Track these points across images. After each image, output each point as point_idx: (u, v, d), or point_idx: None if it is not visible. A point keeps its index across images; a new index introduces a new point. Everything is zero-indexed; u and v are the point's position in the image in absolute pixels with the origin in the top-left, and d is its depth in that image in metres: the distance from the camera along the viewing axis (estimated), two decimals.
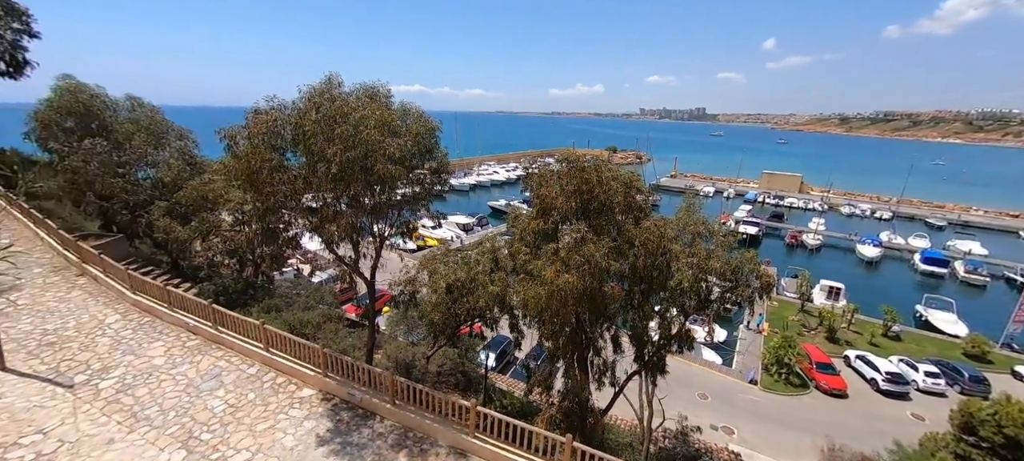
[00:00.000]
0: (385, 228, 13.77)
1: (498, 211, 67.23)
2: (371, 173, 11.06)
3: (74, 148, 19.76)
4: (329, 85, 11.93)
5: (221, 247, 20.78)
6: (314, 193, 11.73)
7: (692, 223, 14.09)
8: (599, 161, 12.98)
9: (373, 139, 10.79)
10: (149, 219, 21.10)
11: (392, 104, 12.76)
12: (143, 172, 22.78)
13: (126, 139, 21.22)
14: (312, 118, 10.86)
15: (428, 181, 14.01)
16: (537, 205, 12.66)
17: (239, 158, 10.65)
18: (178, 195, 20.00)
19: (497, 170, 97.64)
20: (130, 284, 16.65)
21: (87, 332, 14.47)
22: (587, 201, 12.08)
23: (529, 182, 13.36)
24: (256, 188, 10.91)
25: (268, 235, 13.20)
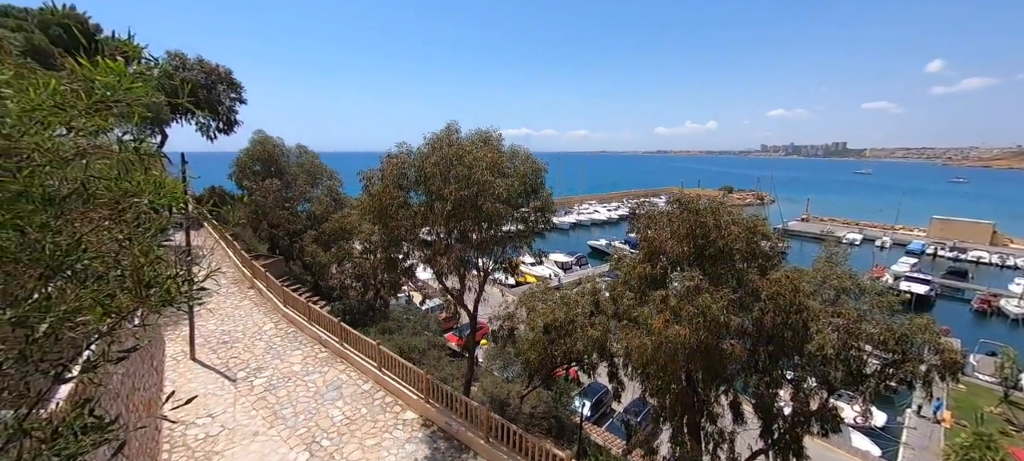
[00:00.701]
0: (489, 263, 14.35)
1: (598, 251, 65.62)
2: (480, 211, 11.76)
3: (258, 186, 25.04)
4: (448, 132, 13.19)
5: (351, 272, 23.85)
6: (430, 228, 12.86)
7: (834, 276, 11.89)
8: (716, 203, 11.87)
9: (484, 179, 11.53)
10: (301, 244, 25.36)
11: (502, 147, 13.55)
12: (302, 206, 27.72)
13: (293, 179, 26.24)
14: (432, 161, 12.08)
15: (532, 219, 14.34)
16: (644, 248, 11.97)
17: (372, 196, 12.26)
18: (324, 226, 23.75)
19: (598, 209, 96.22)
20: (283, 298, 19.93)
21: (250, 336, 17.55)
22: (702, 246, 11.03)
23: (635, 223, 12.78)
24: (384, 222, 12.38)
25: (390, 264, 14.74)
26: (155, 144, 2.98)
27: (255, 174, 26.38)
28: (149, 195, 2.56)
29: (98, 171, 2.59)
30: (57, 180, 2.55)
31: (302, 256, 25.75)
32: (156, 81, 2.43)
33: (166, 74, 18.67)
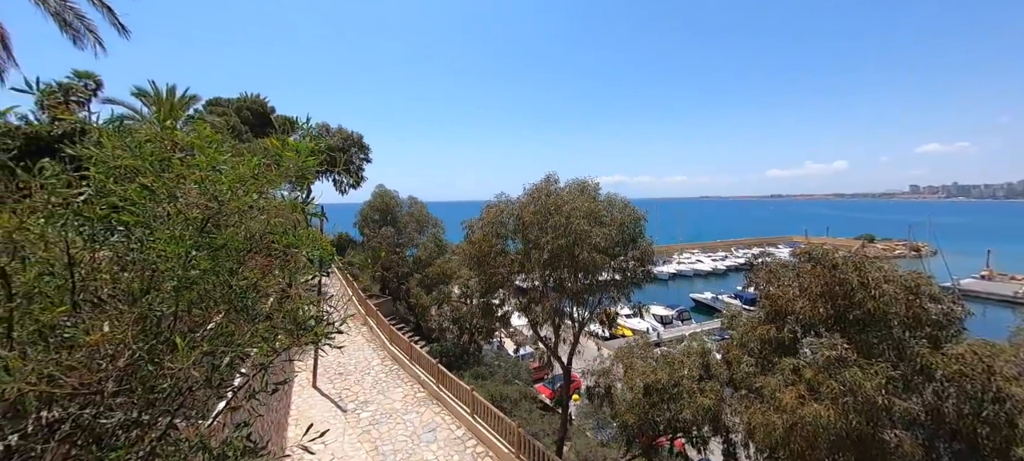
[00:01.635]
0: (585, 314, 13.90)
1: (703, 305, 59.55)
2: (576, 260, 11.61)
3: (375, 233, 28.35)
4: (547, 182, 13.56)
5: (449, 315, 25.06)
6: (526, 275, 13.04)
7: None
8: (859, 256, 10.02)
9: (581, 229, 11.45)
10: (408, 287, 27.61)
11: (599, 195, 13.43)
12: (409, 251, 30.50)
13: (403, 227, 29.23)
14: (530, 210, 12.43)
15: (630, 269, 13.69)
16: (765, 306, 10.49)
17: (473, 243, 12.96)
18: (428, 270, 25.66)
19: (701, 259, 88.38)
20: (389, 336, 21.58)
21: (361, 370, 19.16)
22: (844, 308, 9.28)
23: (753, 277, 11.35)
24: (482, 268, 12.93)
25: (486, 310, 15.14)
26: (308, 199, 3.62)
27: (374, 223, 29.95)
28: (306, 247, 3.00)
29: (271, 226, 3.13)
30: (242, 233, 3.14)
31: (408, 297, 27.95)
32: (323, 155, 2.92)
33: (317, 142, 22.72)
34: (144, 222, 2.54)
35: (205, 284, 2.66)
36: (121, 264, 2.83)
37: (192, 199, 2.72)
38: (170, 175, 2.58)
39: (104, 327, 1.93)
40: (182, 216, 2.71)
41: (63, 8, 9.70)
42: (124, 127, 2.72)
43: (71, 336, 1.93)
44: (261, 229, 3.11)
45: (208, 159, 2.59)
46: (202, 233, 2.67)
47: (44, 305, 2.12)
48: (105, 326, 1.94)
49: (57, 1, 9.65)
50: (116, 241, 2.76)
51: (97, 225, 2.51)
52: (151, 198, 2.54)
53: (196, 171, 2.63)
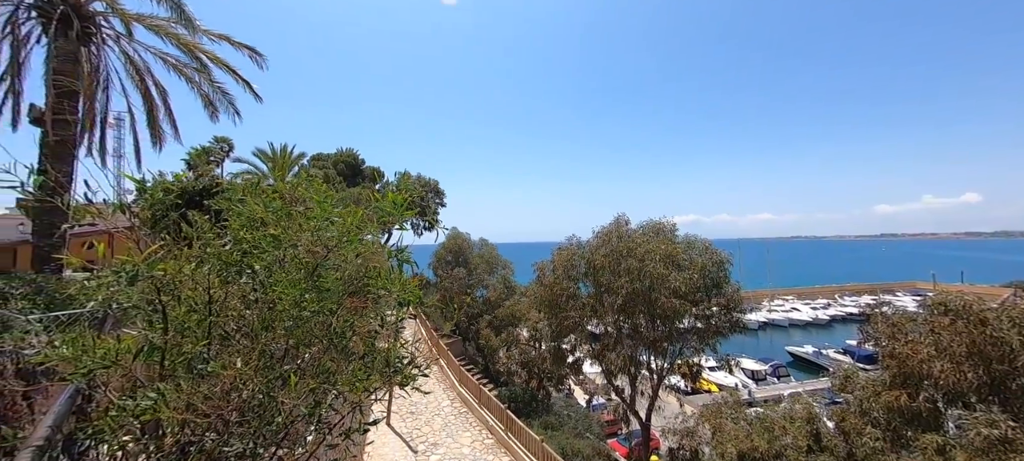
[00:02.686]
0: (664, 364, 12.87)
1: (803, 360, 52.14)
2: (654, 305, 10.93)
3: (448, 274, 29.49)
4: (617, 225, 13.21)
5: (518, 358, 24.72)
6: (598, 321, 12.53)
7: None
8: (1020, 310, 8.19)
9: (657, 272, 10.85)
10: (478, 328, 27.95)
11: (676, 237, 12.73)
12: (479, 291, 31.13)
13: (474, 268, 30.06)
14: (602, 253, 12.12)
15: (715, 317, 12.55)
16: (891, 367, 8.88)
17: (544, 286, 12.87)
18: (497, 311, 25.84)
19: (797, 307, 78.19)
20: (458, 377, 21.74)
21: (431, 410, 19.39)
22: (1003, 374, 7.54)
23: (871, 331, 9.75)
24: (553, 312, 12.69)
25: (557, 355, 14.69)
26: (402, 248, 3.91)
27: (447, 264, 31.22)
28: (397, 291, 3.18)
29: (368, 270, 3.38)
30: (342, 276, 3.44)
31: (477, 338, 28.22)
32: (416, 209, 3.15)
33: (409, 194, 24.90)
34: (268, 266, 2.90)
35: (312, 323, 2.92)
36: (245, 302, 3.23)
37: (305, 246, 3.06)
38: (292, 225, 2.94)
39: (237, 362, 2.18)
40: (297, 261, 3.06)
41: (212, 88, 12.08)
42: (259, 186, 3.18)
43: (212, 369, 2.21)
44: (358, 273, 3.38)
45: (322, 212, 2.92)
46: (312, 276, 2.97)
47: (190, 338, 2.47)
48: (238, 361, 2.19)
49: (208, 83, 12.05)
50: (244, 282, 3.18)
51: (231, 268, 2.92)
52: (275, 245, 2.90)
53: (311, 222, 2.97)
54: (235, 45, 11.63)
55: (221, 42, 11.63)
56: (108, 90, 12.40)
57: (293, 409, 2.47)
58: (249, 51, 11.86)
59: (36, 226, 10.01)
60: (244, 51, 11.80)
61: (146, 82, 11.91)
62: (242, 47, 11.71)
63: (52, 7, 9.54)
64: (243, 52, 11.81)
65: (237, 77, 11.99)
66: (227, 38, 11.65)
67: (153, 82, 12.02)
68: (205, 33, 11.31)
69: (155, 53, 11.78)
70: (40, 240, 9.71)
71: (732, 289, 12.13)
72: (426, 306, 33.43)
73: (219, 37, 11.60)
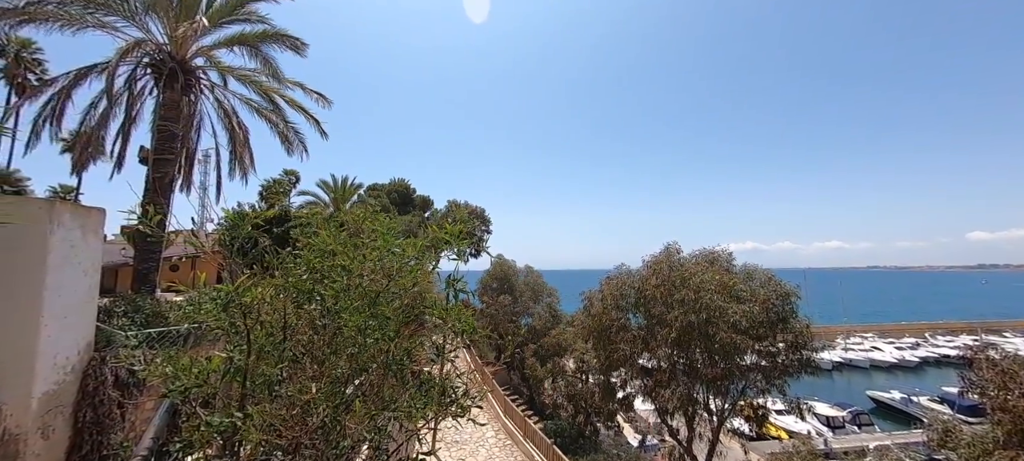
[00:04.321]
0: (724, 405, 11.91)
1: (887, 407, 46.03)
2: (712, 340, 10.27)
3: (494, 301, 29.61)
4: (668, 253, 12.72)
5: (564, 390, 23.98)
6: (651, 355, 11.93)
7: None
8: None
9: (714, 304, 10.23)
10: (523, 356, 27.58)
11: (733, 267, 12.01)
12: (524, 319, 30.87)
13: (520, 295, 29.98)
14: (652, 283, 11.66)
15: (781, 354, 11.53)
16: (1003, 422, 7.65)
17: (592, 316, 12.54)
18: (543, 340, 25.41)
19: (878, 346, 69.71)
20: (503, 407, 21.41)
21: (475, 441, 19.16)
22: None
23: (976, 378, 8.50)
24: (602, 344, 12.28)
25: (607, 390, 14.12)
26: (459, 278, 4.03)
27: (492, 291, 31.43)
28: (453, 321, 3.26)
29: (426, 299, 3.51)
30: (401, 304, 3.59)
31: (522, 367, 27.79)
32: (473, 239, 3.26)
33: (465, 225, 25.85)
34: (335, 294, 3.10)
35: (374, 350, 3.06)
36: (314, 328, 3.45)
37: (368, 275, 3.25)
38: (358, 255, 3.14)
39: (313, 387, 2.32)
40: (360, 289, 3.25)
41: (286, 128, 13.47)
42: (331, 217, 3.44)
43: (291, 394, 2.37)
44: (415, 301, 3.52)
45: (385, 243, 3.10)
46: (374, 305, 3.14)
47: (267, 361, 2.68)
48: (313, 387, 2.34)
49: (283, 124, 13.45)
50: (313, 308, 3.41)
51: (303, 295, 3.15)
52: (343, 275, 3.11)
53: (375, 252, 3.16)
54: (307, 91, 13.04)
55: (295, 88, 13.04)
56: (200, 131, 14.14)
57: (356, 434, 2.57)
58: (317, 96, 13.25)
59: (138, 250, 11.39)
60: (313, 96, 13.20)
61: (233, 124, 13.47)
62: (312, 93, 13.12)
63: (164, 65, 11.18)
64: (312, 96, 13.22)
65: (308, 117, 13.30)
66: (301, 85, 13.07)
67: (238, 123, 13.58)
68: (287, 82, 12.77)
69: (241, 99, 13.37)
70: (140, 263, 11.03)
71: (800, 324, 11.11)
72: (475, 334, 33.63)
73: (294, 84, 13.01)
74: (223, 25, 11.95)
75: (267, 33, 12.18)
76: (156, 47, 11.31)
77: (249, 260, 3.26)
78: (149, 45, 11.16)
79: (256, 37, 12.22)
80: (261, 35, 12.21)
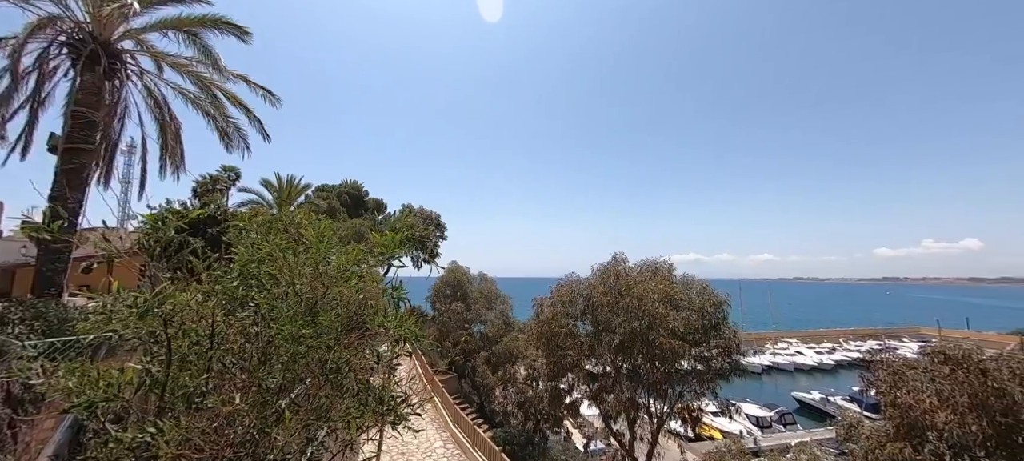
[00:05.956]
0: (663, 408, 12.58)
1: (809, 406, 50.42)
2: (652, 345, 10.84)
3: (446, 308, 29.21)
4: (615, 262, 13.30)
5: (514, 398, 24.10)
6: (597, 360, 12.37)
7: None
8: (1019, 361, 8.13)
9: (656, 312, 10.83)
10: (474, 364, 27.40)
11: (674, 277, 12.78)
12: (477, 326, 30.70)
13: (473, 302, 29.80)
14: (600, 291, 12.13)
15: (714, 359, 12.39)
16: (894, 417, 8.71)
17: (541, 322, 12.80)
18: (494, 348, 25.42)
19: (801, 351, 76.37)
20: (453, 416, 21.12)
21: (423, 451, 18.73)
22: (1008, 427, 7.40)
23: (873, 378, 9.62)
24: (551, 349, 12.55)
25: (554, 396, 14.41)
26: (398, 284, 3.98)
27: (445, 297, 31.02)
28: (394, 328, 3.26)
29: (367, 307, 3.48)
30: (340, 312, 3.53)
31: (473, 375, 27.61)
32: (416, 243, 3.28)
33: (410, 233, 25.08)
34: (270, 300, 3.00)
35: (310, 358, 2.99)
36: (246, 336, 3.31)
37: (307, 282, 3.17)
38: (297, 260, 3.07)
39: (236, 398, 2.24)
40: (297, 296, 3.16)
41: (225, 122, 12.58)
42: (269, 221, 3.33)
43: (212, 404, 2.27)
44: (357, 309, 3.47)
45: (322, 249, 3.05)
46: (311, 312, 3.07)
47: (190, 372, 2.54)
48: (237, 397, 2.26)
49: (222, 118, 12.55)
50: (245, 315, 3.26)
51: (235, 302, 3.02)
52: (276, 282, 3.02)
53: (312, 257, 3.10)
54: (252, 86, 12.25)
55: (239, 82, 12.24)
56: (124, 120, 12.90)
57: (285, 446, 2.50)
58: (264, 92, 12.49)
59: (42, 249, 10.14)
60: (259, 91, 12.42)
61: (164, 114, 12.41)
62: (258, 88, 12.34)
63: (83, 45, 10.11)
64: (258, 92, 12.42)
65: (250, 115, 12.53)
66: (245, 78, 12.28)
67: (170, 114, 12.53)
68: (230, 74, 11.94)
69: (175, 89, 12.35)
70: (44, 264, 9.82)
71: (730, 331, 12.03)
72: (422, 342, 32.95)
73: (238, 77, 12.22)
74: (157, 6, 11.04)
75: (206, 18, 11.38)
76: (75, 26, 10.23)
77: (175, 264, 3.06)
78: (66, 23, 10.07)
79: (194, 22, 11.38)
80: (199, 20, 11.38)
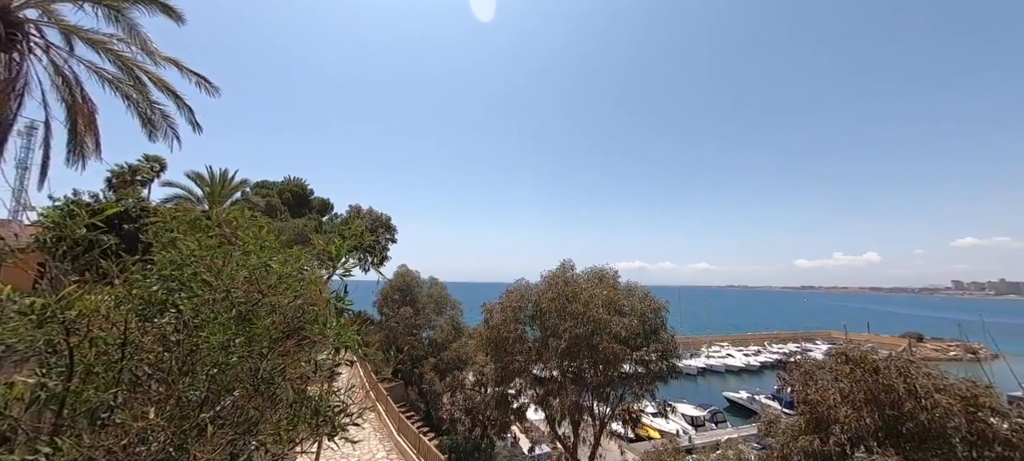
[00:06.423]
0: (606, 410, 13.06)
1: (738, 405, 54.47)
2: (596, 350, 11.25)
3: (394, 313, 28.33)
4: (563, 270, 13.68)
5: (462, 404, 23.86)
6: (544, 365, 12.61)
7: None
8: (903, 360, 9.36)
9: (600, 317, 11.27)
10: (421, 371, 26.79)
11: (619, 284, 13.36)
12: (426, 332, 30.06)
13: (422, 307, 29.15)
14: (548, 297, 12.41)
15: (653, 363, 13.08)
16: (805, 413, 9.67)
17: (491, 327, 12.83)
18: (443, 354, 25.03)
19: (732, 354, 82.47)
20: (397, 425, 20.51)
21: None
22: (894, 419, 8.49)
23: (788, 378, 10.63)
24: (499, 355, 12.62)
25: (502, 401, 14.47)
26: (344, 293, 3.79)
27: (394, 302, 30.12)
28: (334, 336, 3.16)
29: (305, 313, 3.34)
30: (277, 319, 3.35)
31: (420, 382, 26.97)
32: (364, 247, 3.20)
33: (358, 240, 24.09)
34: (196, 306, 2.79)
35: (239, 369, 2.81)
36: (165, 344, 3.04)
37: (240, 288, 2.99)
38: (229, 264, 2.88)
39: (150, 412, 2.06)
40: (229, 301, 2.96)
41: (151, 110, 11.38)
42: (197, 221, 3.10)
43: (122, 420, 2.07)
44: (295, 316, 3.32)
45: (261, 255, 2.90)
46: (244, 320, 2.89)
47: (97, 385, 2.30)
48: (151, 412, 2.08)
49: (146, 104, 11.34)
50: (166, 322, 3.00)
51: (154, 308, 2.77)
52: (206, 286, 2.82)
53: (249, 263, 2.93)
54: (185, 71, 11.14)
55: (169, 66, 11.12)
56: (23, 98, 11.32)
57: None
58: (198, 78, 11.39)
59: None
60: (193, 78, 11.32)
61: (74, 95, 11.02)
62: (192, 74, 11.25)
63: None
64: (191, 79, 11.31)
65: (180, 103, 11.41)
66: (177, 62, 11.17)
67: (82, 96, 11.15)
68: (159, 57, 10.78)
69: (90, 67, 11.01)
70: None
71: (668, 336, 12.78)
72: (367, 348, 31.72)
73: (168, 61, 11.09)
74: None
75: None
76: None
77: (82, 265, 2.76)
78: None
79: None
80: None
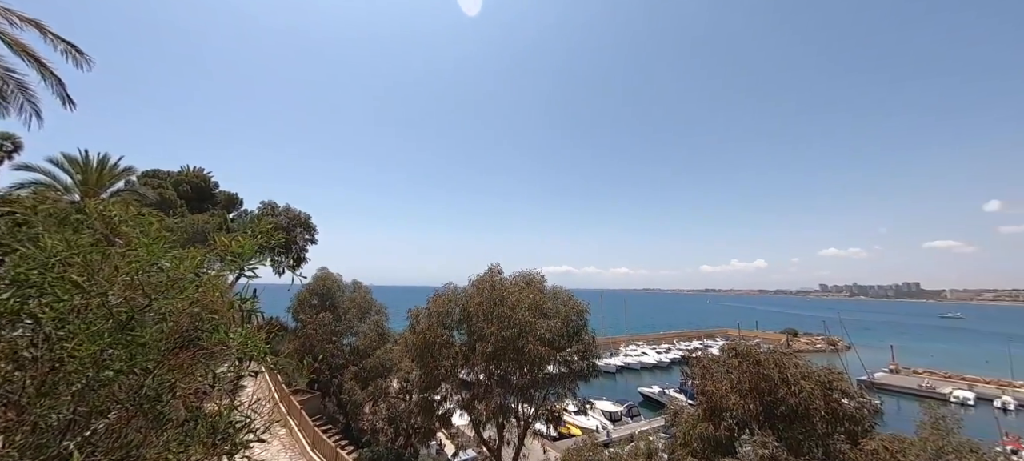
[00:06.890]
0: (530, 411, 13.42)
1: (652, 399, 59.09)
2: (522, 352, 11.54)
3: (312, 319, 26.31)
4: (491, 273, 13.85)
5: (384, 414, 22.87)
6: (470, 369, 12.61)
7: (950, 449, 9.85)
8: (778, 352, 10.93)
9: (526, 320, 11.59)
10: (341, 380, 25.19)
11: (545, 288, 13.85)
12: (347, 339, 28.30)
13: (344, 313, 27.43)
14: (476, 301, 12.47)
15: (575, 363, 13.74)
16: (703, 403, 10.84)
17: (417, 333, 12.53)
18: (366, 361, 23.79)
19: (646, 351, 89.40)
20: (312, 440, 19.10)
21: None
22: (771, 404, 9.86)
23: (690, 372, 11.83)
24: (425, 361, 12.36)
25: (426, 407, 14.17)
26: (253, 296, 3.42)
27: (312, 308, 27.98)
28: (237, 346, 2.91)
29: (203, 321, 3.03)
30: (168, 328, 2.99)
31: (339, 393, 25.36)
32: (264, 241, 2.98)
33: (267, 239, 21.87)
34: (60, 315, 2.39)
35: (116, 386, 2.46)
36: (17, 362, 2.57)
37: (120, 293, 2.62)
38: (105, 265, 2.52)
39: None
40: (105, 310, 2.58)
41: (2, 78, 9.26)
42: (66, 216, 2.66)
43: None
44: (190, 323, 2.99)
45: (149, 253, 2.58)
46: (124, 329, 2.54)
47: None
48: None
49: None
50: (19, 335, 2.53)
51: (4, 318, 2.32)
52: (75, 291, 2.44)
53: (133, 265, 2.59)
54: (49, 36, 9.22)
55: (28, 27, 9.14)
56: None
57: None
58: (66, 45, 9.51)
59: None
60: (60, 45, 9.42)
61: None
62: (58, 40, 9.35)
63: None
64: (57, 46, 9.39)
65: (45, 71, 9.43)
66: (38, 24, 9.23)
67: None
68: (14, 17, 8.77)
69: None
70: None
71: (589, 337, 13.53)
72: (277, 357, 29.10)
73: (27, 22, 9.12)
74: None
75: None
76: None
77: None
78: None
79: None
80: None
